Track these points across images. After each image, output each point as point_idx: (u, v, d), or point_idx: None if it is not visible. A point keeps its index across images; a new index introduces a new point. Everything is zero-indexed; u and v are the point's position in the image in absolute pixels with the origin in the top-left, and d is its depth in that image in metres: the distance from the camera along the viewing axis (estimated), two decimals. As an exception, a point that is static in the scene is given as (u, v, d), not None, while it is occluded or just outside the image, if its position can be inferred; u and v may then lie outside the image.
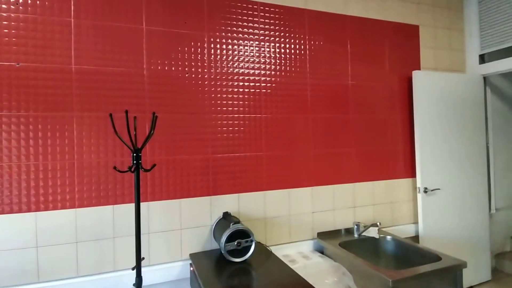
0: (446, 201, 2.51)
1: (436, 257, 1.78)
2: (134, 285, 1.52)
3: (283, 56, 2.16)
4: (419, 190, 2.43)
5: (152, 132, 1.54)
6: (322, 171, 2.23)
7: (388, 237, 2.15)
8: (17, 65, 1.62)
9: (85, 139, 1.72)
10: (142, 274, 1.71)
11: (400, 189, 2.49)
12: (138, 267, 1.51)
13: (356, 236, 2.16)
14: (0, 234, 1.55)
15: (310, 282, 1.42)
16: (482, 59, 2.78)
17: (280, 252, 2.04)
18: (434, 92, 2.51)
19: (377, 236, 2.14)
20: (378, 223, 2.07)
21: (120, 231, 1.76)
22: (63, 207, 1.66)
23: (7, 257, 1.56)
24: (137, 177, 1.52)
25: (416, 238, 2.46)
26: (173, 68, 1.90)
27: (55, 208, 1.65)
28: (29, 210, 1.61)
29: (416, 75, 2.47)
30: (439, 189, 2.47)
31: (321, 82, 2.25)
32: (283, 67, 2.15)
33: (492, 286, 2.64)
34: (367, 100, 2.40)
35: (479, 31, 2.77)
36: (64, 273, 1.65)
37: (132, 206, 1.78)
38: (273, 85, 2.12)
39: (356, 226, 2.17)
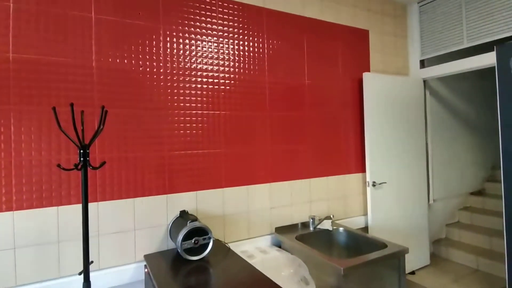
0: (392, 193, 2.72)
1: (383, 245, 1.92)
2: (81, 291, 1.42)
3: (242, 53, 2.16)
4: (368, 184, 2.60)
5: (101, 127, 1.45)
6: (279, 168, 2.29)
7: (341, 229, 2.27)
8: None
9: (25, 135, 1.56)
10: (91, 279, 1.61)
11: (351, 184, 2.64)
12: (86, 272, 1.42)
13: (311, 229, 2.25)
14: None
15: (268, 275, 1.45)
16: (423, 64, 3.06)
17: (238, 248, 2.05)
18: (382, 93, 2.70)
19: (330, 228, 2.25)
20: (331, 216, 2.18)
21: (66, 234, 1.63)
22: (-2, 210, 1.50)
23: None
24: (84, 175, 1.42)
25: (365, 229, 2.63)
26: (125, 61, 1.80)
27: (-14, 211, 1.48)
28: (-46, 215, 1.42)
29: (366, 76, 2.64)
30: (385, 182, 2.67)
31: (279, 80, 2.30)
32: (242, 64, 2.16)
33: (431, 270, 2.93)
34: (322, 99, 2.50)
35: (420, 38, 3.04)
36: (0, 283, 1.49)
37: (79, 207, 1.66)
38: (232, 82, 2.12)
39: (311, 220, 2.26)
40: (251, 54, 2.20)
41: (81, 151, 1.42)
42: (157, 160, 1.87)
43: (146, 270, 1.70)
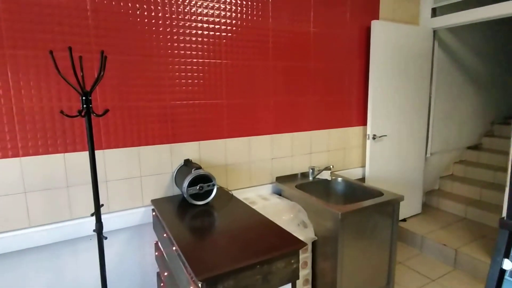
0: (390, 146, 2.77)
1: (379, 193, 2.01)
2: (94, 230, 1.51)
3: (241, -2, 2.03)
4: (369, 137, 2.63)
5: (101, 73, 1.42)
6: (282, 120, 2.29)
7: (339, 179, 2.36)
8: None
9: (23, 81, 1.53)
10: (103, 221, 1.70)
11: (352, 136, 2.67)
12: (97, 213, 1.49)
13: (311, 179, 2.33)
14: None
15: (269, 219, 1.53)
16: (434, 13, 2.89)
17: (240, 195, 2.14)
18: (390, 43, 2.60)
19: (329, 178, 2.33)
20: (331, 166, 2.24)
21: (74, 180, 1.68)
22: (5, 156, 1.53)
23: None
24: (88, 122, 1.42)
25: (362, 180, 2.72)
26: (121, 4, 1.69)
27: (-6, 157, 1.51)
28: (-37, 160, 1.45)
29: (374, 25, 2.51)
30: (386, 135, 2.70)
31: (283, 28, 2.20)
32: (244, 9, 2.04)
33: (421, 218, 3.11)
34: (327, 49, 2.41)
35: (434, -17, 2.83)
36: (14, 225, 1.57)
37: (84, 154, 1.69)
38: (234, 28, 2.02)
39: (311, 170, 2.33)
40: (254, -3, 2.06)
41: (83, 97, 1.41)
42: (160, 110, 1.86)
43: (154, 213, 1.80)
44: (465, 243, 2.56)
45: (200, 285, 1.03)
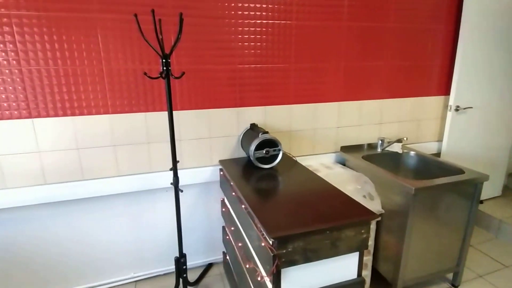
0: (476, 120, 2.44)
1: (459, 171, 1.82)
2: (171, 183, 1.66)
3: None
4: (450, 108, 2.35)
5: (179, 35, 1.46)
6: (351, 86, 2.15)
7: (412, 152, 2.18)
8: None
9: (111, 44, 1.66)
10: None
11: (429, 107, 2.42)
12: (174, 168, 1.63)
13: (379, 150, 2.21)
14: (43, 137, 1.65)
15: (335, 187, 1.51)
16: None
17: (303, 162, 2.12)
18: (487, 2, 2.19)
19: (400, 151, 2.17)
20: (405, 138, 2.08)
21: (153, 137, 1.84)
22: (98, 112, 1.72)
23: (53, 157, 1.70)
24: (168, 83, 1.51)
25: (437, 155, 2.49)
26: (196, -38, 1.68)
27: (90, 113, 1.71)
28: (65, 114, 1.67)
29: (472, -25, 2.12)
30: (471, 107, 2.38)
31: (360, -18, 1.98)
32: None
33: (500, 200, 2.78)
34: (410, 6, 2.13)
35: None
36: (106, 173, 1.81)
37: (162, 114, 1.82)
38: (307, -15, 1.89)
39: (380, 142, 2.20)
40: None
41: (163, 60, 1.48)
42: (228, 73, 1.88)
43: (221, 172, 1.90)
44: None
45: (271, 242, 1.08)
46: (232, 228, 1.71)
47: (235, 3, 1.79)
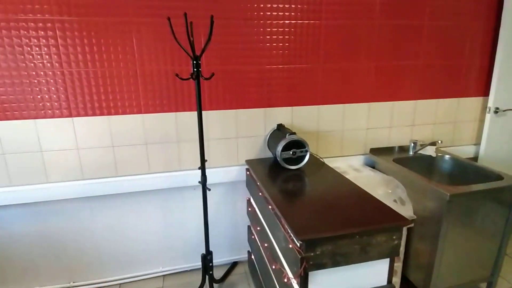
0: (518, 123, 2.28)
1: (497, 177, 1.72)
2: (199, 182, 1.70)
3: None
4: (489, 110, 2.21)
5: (210, 38, 1.49)
6: (382, 86, 2.09)
7: (446, 156, 2.08)
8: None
9: (145, 46, 1.72)
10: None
11: (466, 109, 2.29)
12: (203, 167, 1.67)
13: (411, 153, 2.12)
14: (81, 134, 1.75)
15: (364, 190, 1.47)
16: None
17: (330, 164, 2.08)
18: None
19: (434, 154, 2.08)
20: (439, 142, 1.98)
21: (183, 136, 1.89)
22: (131, 112, 1.79)
23: (89, 154, 1.79)
24: (198, 84, 1.55)
25: (474, 159, 2.36)
26: (226, -35, 1.70)
27: (124, 113, 1.78)
28: (102, 114, 1.76)
29: (518, -33, 1.98)
30: (511, 109, 2.23)
31: (393, -21, 1.92)
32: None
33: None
34: (447, 3, 2.03)
35: None
36: (138, 170, 1.88)
37: (191, 114, 1.86)
38: (337, -16, 1.85)
39: (412, 144, 2.11)
40: None
41: (194, 61, 1.52)
42: (256, 74, 1.89)
43: (248, 172, 1.92)
44: None
45: (299, 244, 1.07)
46: (258, 228, 1.72)
47: (264, 4, 1.79)
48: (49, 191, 1.77)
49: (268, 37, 1.85)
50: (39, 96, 1.66)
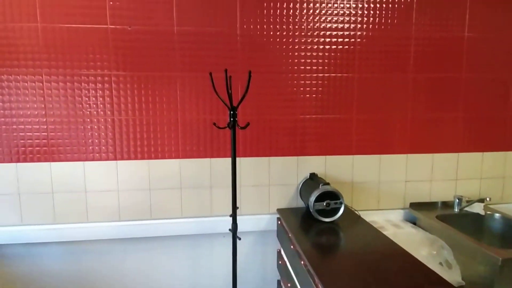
0: None
1: None
2: (230, 230, 1.68)
3: (378, 5, 1.91)
4: (544, 166, 2.03)
5: (247, 90, 1.58)
6: (420, 138, 2.03)
7: (497, 215, 1.89)
8: (129, 28, 1.79)
9: (187, 97, 1.86)
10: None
11: (516, 163, 2.13)
12: (234, 215, 1.66)
13: (456, 210, 1.96)
14: (121, 177, 1.86)
15: (405, 250, 1.36)
16: None
17: (366, 218, 1.98)
18: None
19: (482, 212, 1.90)
20: (487, 199, 1.83)
21: (216, 182, 1.93)
22: (170, 157, 1.89)
23: (127, 196, 1.88)
24: (233, 133, 1.61)
25: (531, 220, 2.11)
26: (264, 26, 1.86)
27: (163, 157, 1.88)
28: (143, 158, 1.87)
29: (561, 22, 1.95)
30: None
31: (427, 35, 1.96)
32: (377, 19, 1.92)
33: None
34: (486, 56, 2.01)
35: None
36: (171, 214, 1.92)
37: (225, 160, 1.92)
38: (364, 40, 1.92)
39: (457, 200, 1.96)
40: (391, 4, 1.91)
41: (231, 112, 1.60)
42: (290, 123, 1.94)
43: (279, 222, 1.87)
44: None
45: (334, 309, 0.99)
46: (289, 285, 1.62)
47: (298, 60, 1.90)
48: (88, 230, 1.85)
49: (302, 89, 1.92)
50: (90, 140, 1.82)
